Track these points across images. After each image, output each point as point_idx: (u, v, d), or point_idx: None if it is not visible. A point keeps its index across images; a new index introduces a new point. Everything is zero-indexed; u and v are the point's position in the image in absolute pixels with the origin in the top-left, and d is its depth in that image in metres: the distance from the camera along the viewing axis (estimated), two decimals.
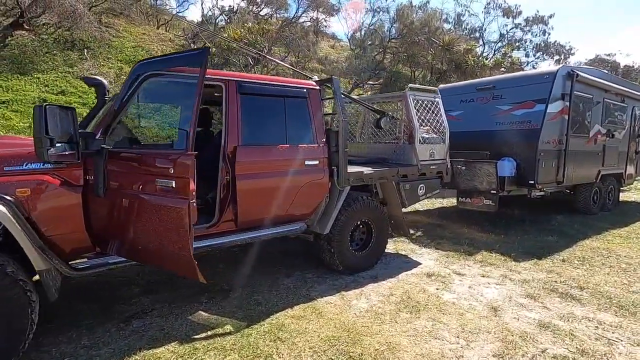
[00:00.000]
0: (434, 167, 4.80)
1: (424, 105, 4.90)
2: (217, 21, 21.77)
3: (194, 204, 2.30)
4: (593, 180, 7.51)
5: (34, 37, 13.28)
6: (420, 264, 4.56)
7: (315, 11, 23.82)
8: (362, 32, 25.48)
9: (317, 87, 3.83)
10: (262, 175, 3.34)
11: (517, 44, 26.01)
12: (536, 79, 6.39)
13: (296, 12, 21.73)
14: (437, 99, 4.99)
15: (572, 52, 26.83)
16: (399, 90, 7.63)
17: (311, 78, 4.24)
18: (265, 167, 3.37)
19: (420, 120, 4.86)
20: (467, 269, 4.42)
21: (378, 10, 24.04)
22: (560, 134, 6.39)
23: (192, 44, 17.48)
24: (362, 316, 3.19)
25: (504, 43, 25.62)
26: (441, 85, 8.27)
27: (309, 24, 23.60)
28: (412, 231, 6.08)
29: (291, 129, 3.59)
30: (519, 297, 3.66)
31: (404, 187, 4.48)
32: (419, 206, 8.02)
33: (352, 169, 4.12)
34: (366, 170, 4.07)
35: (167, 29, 20.07)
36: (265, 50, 17.20)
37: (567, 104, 6.38)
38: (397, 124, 5.07)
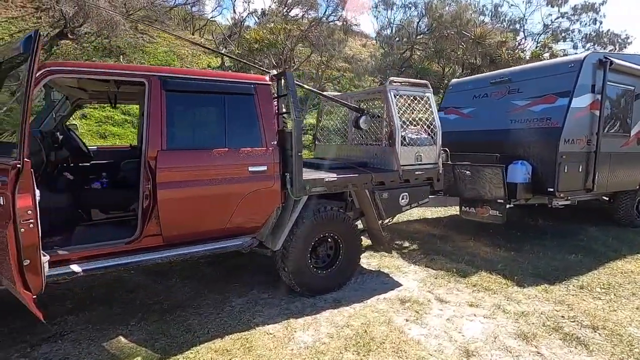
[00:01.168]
0: (420, 172, 4.13)
1: (410, 101, 4.25)
2: (243, 24, 21.93)
3: (31, 225, 1.91)
4: (637, 187, 6.36)
5: (76, 46, 14.22)
6: (400, 285, 3.93)
7: (345, 10, 23.24)
8: (392, 29, 24.54)
9: (267, 83, 3.35)
10: (191, 183, 2.91)
11: (562, 34, 23.82)
12: (559, 69, 5.45)
13: (325, 11, 21.33)
14: (427, 94, 4.31)
15: (628, 41, 24.09)
16: None
17: (269, 72, 3.78)
18: (195, 174, 2.94)
19: (406, 119, 4.22)
20: (455, 294, 3.73)
21: (409, 5, 23.01)
22: (589, 132, 5.41)
23: (223, 48, 17.70)
24: (297, 354, 2.67)
25: (547, 34, 23.55)
26: (454, 80, 7.45)
27: (338, 23, 23.18)
28: (407, 243, 5.41)
29: (232, 130, 3.15)
30: (508, 336, 2.95)
31: (380, 196, 3.87)
32: (428, 213, 7.27)
33: (313, 174, 3.60)
34: (329, 176, 3.53)
35: (202, 33, 20.59)
36: (288, 50, 16.95)
37: (599, 97, 5.39)
38: (381, 124, 4.47)
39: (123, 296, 3.57)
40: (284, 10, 22.37)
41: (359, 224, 4.27)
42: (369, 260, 4.63)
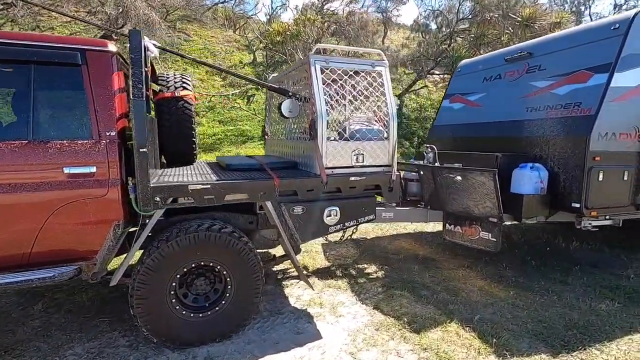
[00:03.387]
0: (358, 178, 2.90)
1: (350, 79, 3.04)
2: (272, 19, 21.43)
3: None
4: None
5: (119, 46, 15.11)
6: (318, 338, 2.76)
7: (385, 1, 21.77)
8: (430, 16, 22.57)
9: (105, 50, 2.36)
10: None
11: None
12: (596, 34, 3.84)
13: (363, 3, 20.08)
14: (377, 68, 3.06)
15: None
16: None
17: (155, 45, 2.81)
18: None
19: (344, 102, 3.03)
20: None
21: None
22: None
23: (259, 42, 17.37)
24: None
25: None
26: (463, 61, 5.95)
27: (378, 14, 21.80)
28: (373, 268, 4.16)
29: (42, 115, 2.22)
30: None
31: (290, 211, 2.73)
32: (428, 226, 5.87)
33: (184, 179, 2.56)
34: (197, 183, 2.46)
35: (239, 31, 20.54)
36: (313, 42, 15.95)
37: None
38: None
39: None
40: (320, 3, 21.44)
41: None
42: (302, 292, 3.49)
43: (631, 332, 2.91)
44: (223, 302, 2.66)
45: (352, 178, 2.88)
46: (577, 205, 3.60)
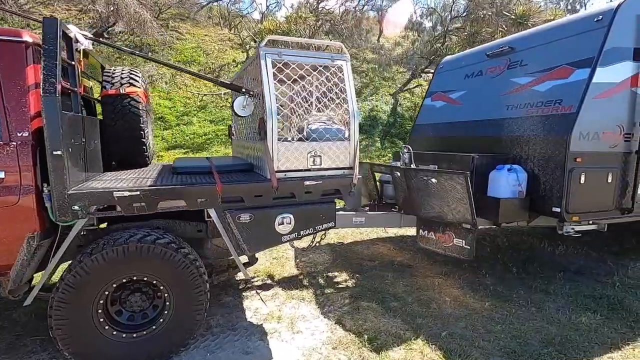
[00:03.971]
0: (315, 182, 2.65)
1: (308, 73, 2.79)
2: (264, 17, 21.19)
3: None
4: None
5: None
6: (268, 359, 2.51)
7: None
8: (422, 14, 22.37)
9: (15, 39, 2.10)
10: None
11: None
12: (579, 26, 3.60)
13: (359, 1, 19.82)
14: (337, 62, 2.80)
15: None
16: None
17: (86, 36, 2.56)
18: None
19: (297, 99, 2.78)
20: None
21: None
22: (627, 122, 3.52)
23: (251, 41, 17.15)
24: None
25: None
26: (446, 57, 5.70)
27: (372, 13, 21.57)
28: (343, 276, 3.91)
29: None
30: None
31: (235, 219, 2.47)
32: (411, 231, 5.61)
33: (112, 184, 2.31)
34: (124, 189, 2.20)
35: (235, 30, 20.33)
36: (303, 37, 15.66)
37: None
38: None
39: None
40: (316, 1, 21.19)
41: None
42: (261, 304, 3.24)
43: (611, 349, 2.67)
44: (161, 319, 2.40)
45: (308, 182, 2.62)
46: (558, 210, 3.36)
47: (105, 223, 2.62)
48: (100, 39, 2.97)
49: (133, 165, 3.19)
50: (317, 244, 3.80)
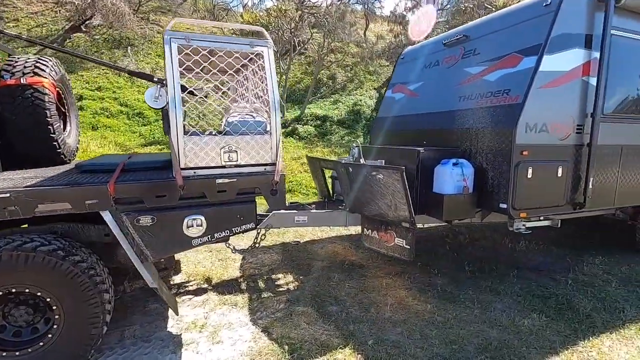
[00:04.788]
0: (227, 180, 2.41)
1: (222, 61, 2.54)
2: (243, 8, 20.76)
3: None
4: None
5: (87, 38, 14.34)
6: None
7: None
8: (405, 9, 22.15)
9: None
10: None
11: None
12: (528, 12, 3.40)
13: None
14: (258, 49, 2.55)
15: None
16: None
17: None
18: None
19: (207, 88, 2.54)
20: None
21: None
22: (577, 113, 3.35)
23: (232, 34, 16.72)
24: None
25: None
26: (407, 48, 5.49)
27: (358, 7, 21.23)
28: (288, 278, 3.71)
29: None
30: None
31: (133, 222, 2.23)
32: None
33: None
34: None
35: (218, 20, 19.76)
36: (288, 33, 15.30)
37: (597, 55, 3.31)
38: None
39: None
40: None
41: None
42: (189, 311, 3.01)
43: (549, 354, 2.51)
44: (50, 335, 2.16)
45: (220, 180, 2.39)
46: (505, 206, 3.18)
47: None
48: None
49: (41, 164, 2.91)
50: (258, 245, 3.58)
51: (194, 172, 2.35)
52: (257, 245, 3.54)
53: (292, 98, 14.77)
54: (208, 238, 2.43)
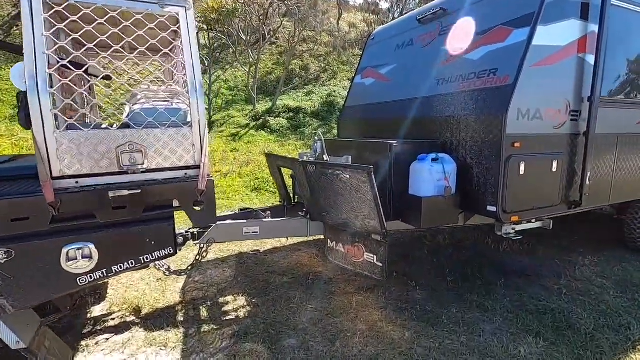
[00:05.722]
0: (125, 192, 1.73)
1: (116, 24, 1.83)
2: None
3: None
4: None
5: None
6: None
7: None
8: None
9: None
10: None
11: None
12: None
13: None
14: (171, 10, 1.86)
15: None
16: None
17: None
18: None
19: (93, 64, 1.83)
20: None
21: None
22: (573, 96, 2.86)
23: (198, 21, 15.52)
24: None
25: None
26: (377, 29, 4.89)
27: None
28: (240, 301, 3.06)
29: None
30: None
31: None
32: None
33: None
34: None
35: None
36: (256, 21, 14.35)
37: (595, 29, 2.82)
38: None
39: None
40: None
41: None
42: (100, 358, 2.32)
43: None
44: None
45: (116, 193, 1.70)
46: (494, 209, 2.66)
47: None
48: None
49: None
50: (198, 264, 2.91)
51: (77, 182, 1.65)
52: (196, 265, 2.87)
53: (263, 90, 13.96)
54: (102, 274, 1.74)
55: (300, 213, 3.15)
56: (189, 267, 2.88)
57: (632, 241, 4.04)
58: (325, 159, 3.11)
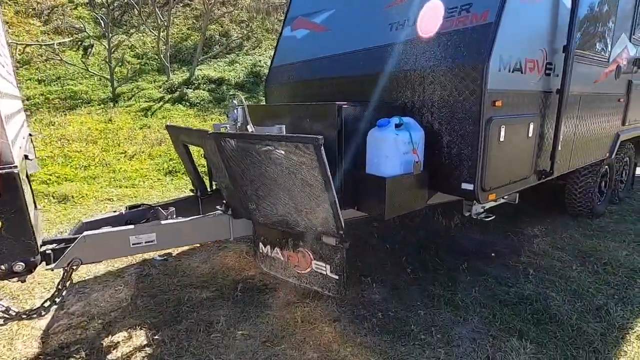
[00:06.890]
0: None
1: None
2: None
3: None
4: (605, 155, 3.70)
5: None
6: None
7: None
8: None
9: None
10: None
11: None
12: None
13: None
14: None
15: None
16: None
17: None
18: None
19: None
20: None
21: None
22: (549, 45, 2.38)
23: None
24: None
25: None
26: None
27: None
28: (137, 339, 2.12)
29: None
30: None
31: None
32: None
33: None
34: None
35: None
36: None
37: None
38: None
39: None
40: None
41: None
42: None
43: None
44: None
45: None
46: (470, 187, 2.10)
47: None
48: None
49: None
50: (56, 302, 1.90)
51: None
52: (58, 297, 1.86)
53: (178, 58, 12.06)
54: None
55: (218, 207, 2.26)
56: (45, 304, 1.86)
57: (572, 207, 3.97)
58: (249, 130, 2.25)
